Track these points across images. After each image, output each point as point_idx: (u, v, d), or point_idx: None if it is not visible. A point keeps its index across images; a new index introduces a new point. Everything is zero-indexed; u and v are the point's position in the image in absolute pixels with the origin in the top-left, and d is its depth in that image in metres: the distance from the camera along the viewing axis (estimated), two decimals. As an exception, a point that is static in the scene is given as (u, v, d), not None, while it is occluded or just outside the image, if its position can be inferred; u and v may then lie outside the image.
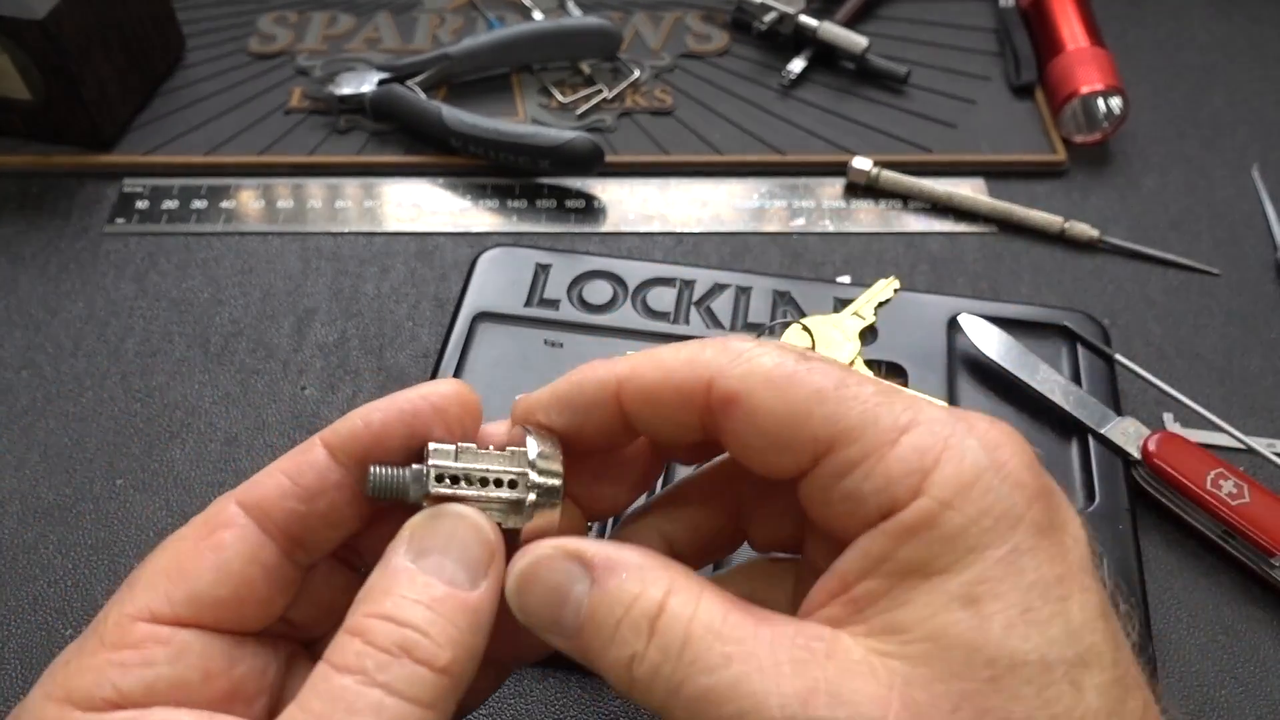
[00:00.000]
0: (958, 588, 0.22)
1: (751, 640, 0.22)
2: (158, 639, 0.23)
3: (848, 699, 0.21)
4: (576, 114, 0.56)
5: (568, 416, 0.26)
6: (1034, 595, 0.21)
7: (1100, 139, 0.55)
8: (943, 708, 0.21)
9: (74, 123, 0.52)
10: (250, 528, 0.24)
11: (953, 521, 0.22)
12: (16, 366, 0.45)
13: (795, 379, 0.24)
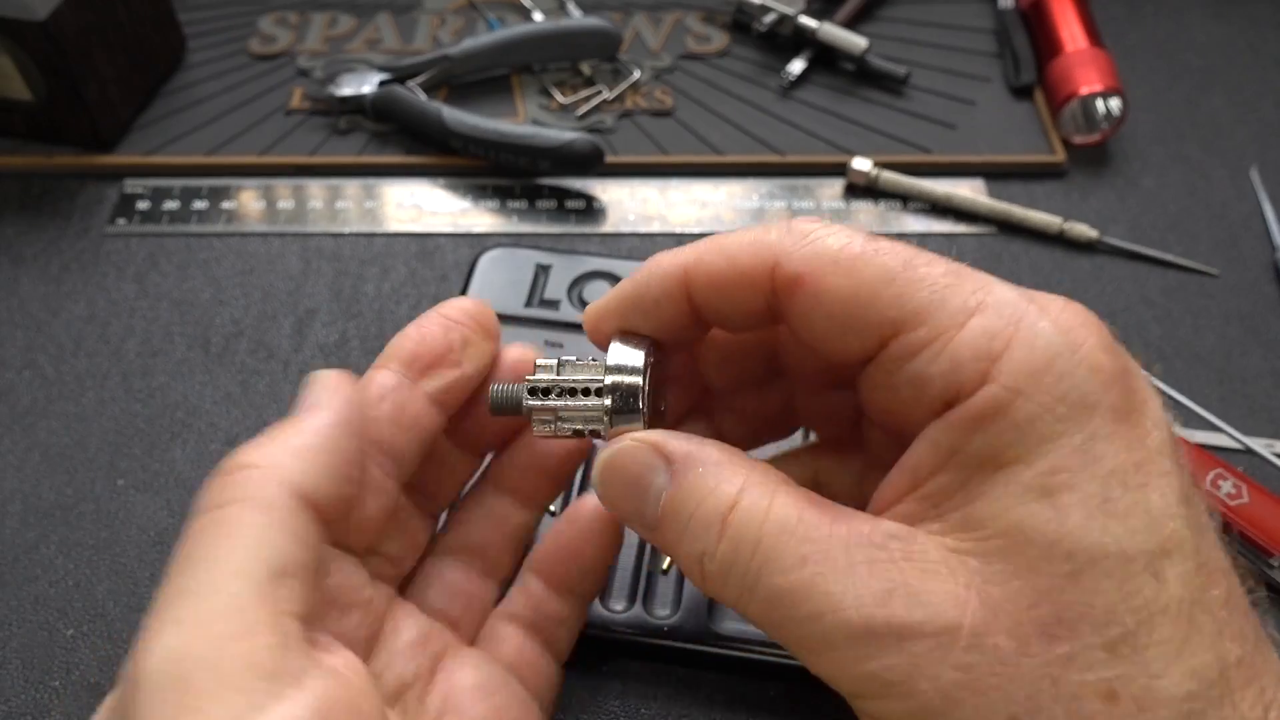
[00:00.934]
0: (1032, 478, 0.21)
1: (826, 540, 0.22)
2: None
3: (925, 599, 0.21)
4: (577, 115, 0.56)
5: (638, 312, 0.27)
6: (1112, 484, 0.21)
7: (1099, 140, 0.55)
8: (1020, 604, 0.21)
9: (75, 123, 0.52)
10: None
11: (1024, 409, 0.21)
12: (18, 367, 0.45)
13: (862, 259, 0.23)
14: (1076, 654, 0.20)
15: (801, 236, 0.24)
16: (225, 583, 0.21)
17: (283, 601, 0.22)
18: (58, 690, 0.36)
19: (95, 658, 0.37)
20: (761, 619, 0.23)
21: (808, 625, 0.22)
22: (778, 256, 0.24)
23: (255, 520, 0.22)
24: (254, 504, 0.22)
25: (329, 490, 0.24)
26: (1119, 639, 0.20)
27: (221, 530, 0.22)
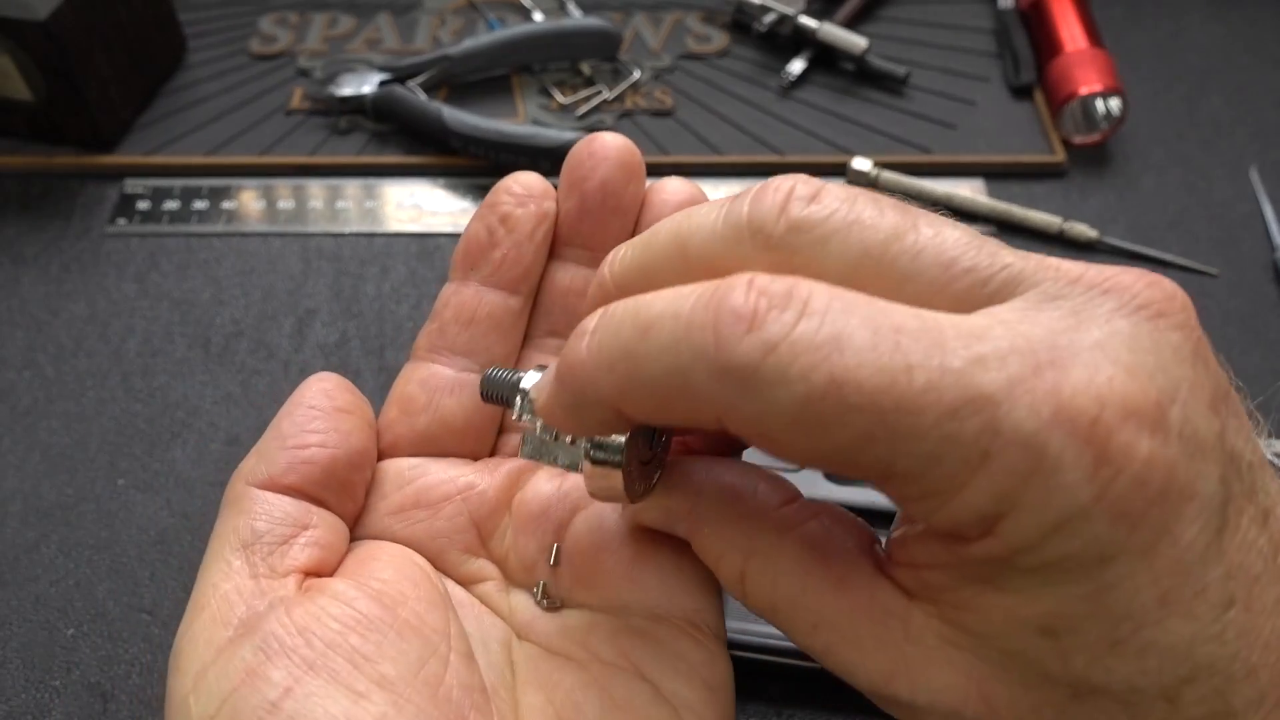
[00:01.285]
0: (1033, 616, 0.19)
1: (833, 610, 0.22)
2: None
3: (925, 685, 0.21)
4: (577, 115, 0.56)
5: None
6: (1124, 627, 0.19)
7: (1099, 140, 0.55)
8: (1021, 708, 0.20)
9: (75, 123, 0.52)
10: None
11: (1026, 563, 0.19)
12: (18, 367, 0.45)
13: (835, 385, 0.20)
14: None
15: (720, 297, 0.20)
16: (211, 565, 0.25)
17: (257, 561, 0.25)
18: (58, 689, 0.36)
19: (95, 657, 0.37)
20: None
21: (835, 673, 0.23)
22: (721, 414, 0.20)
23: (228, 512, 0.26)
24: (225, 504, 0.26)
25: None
26: None
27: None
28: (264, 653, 0.22)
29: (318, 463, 0.26)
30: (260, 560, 0.24)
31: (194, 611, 0.24)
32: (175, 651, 0.23)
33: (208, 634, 0.23)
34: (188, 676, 0.22)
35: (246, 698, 0.21)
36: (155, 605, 0.38)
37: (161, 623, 0.38)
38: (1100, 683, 0.19)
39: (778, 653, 0.35)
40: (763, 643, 0.36)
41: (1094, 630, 0.19)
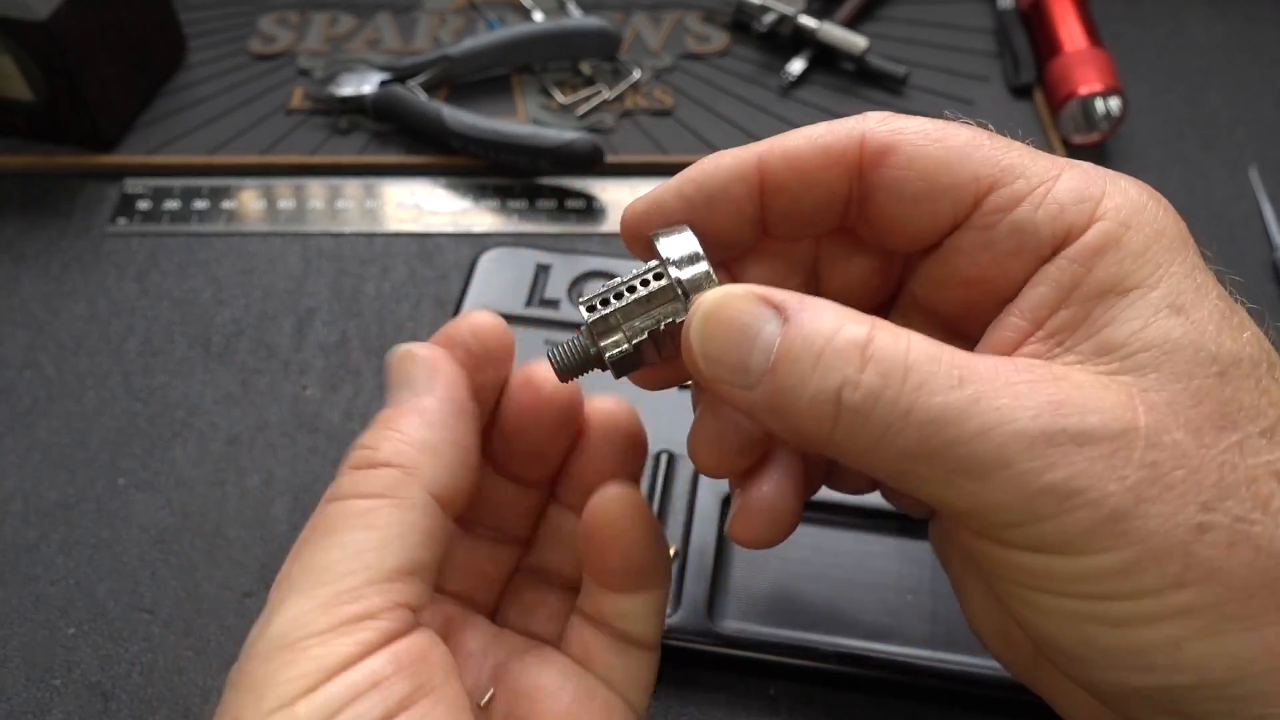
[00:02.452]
0: (1161, 298, 0.22)
1: (976, 364, 0.21)
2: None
3: (1095, 406, 0.21)
4: (577, 115, 0.56)
5: (696, 206, 0.26)
6: (1224, 305, 0.23)
7: (1099, 140, 0.55)
8: (1185, 403, 0.21)
9: (76, 123, 0.53)
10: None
11: (1137, 239, 0.23)
12: (19, 366, 0.46)
13: (948, 130, 0.24)
14: (1245, 442, 0.21)
15: (883, 117, 0.25)
16: (359, 570, 0.23)
17: (401, 594, 0.23)
18: (59, 689, 0.36)
19: (96, 656, 0.37)
20: (917, 448, 0.21)
21: (976, 443, 0.21)
22: (864, 132, 0.25)
23: (397, 518, 0.24)
24: (397, 503, 0.24)
25: (460, 488, 0.26)
26: (1270, 428, 0.22)
27: (364, 520, 0.24)
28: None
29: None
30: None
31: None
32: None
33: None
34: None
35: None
36: (156, 604, 0.38)
37: (162, 622, 0.38)
38: (1231, 349, 0.22)
39: (778, 652, 0.35)
40: (763, 642, 0.36)
41: (1205, 304, 0.23)
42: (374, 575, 0.23)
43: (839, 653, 0.35)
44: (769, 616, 0.36)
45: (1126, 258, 0.23)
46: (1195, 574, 0.21)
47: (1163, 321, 0.22)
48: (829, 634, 0.36)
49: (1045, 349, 0.23)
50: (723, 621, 0.36)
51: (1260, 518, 0.21)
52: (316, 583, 0.23)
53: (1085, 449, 0.21)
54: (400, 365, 0.27)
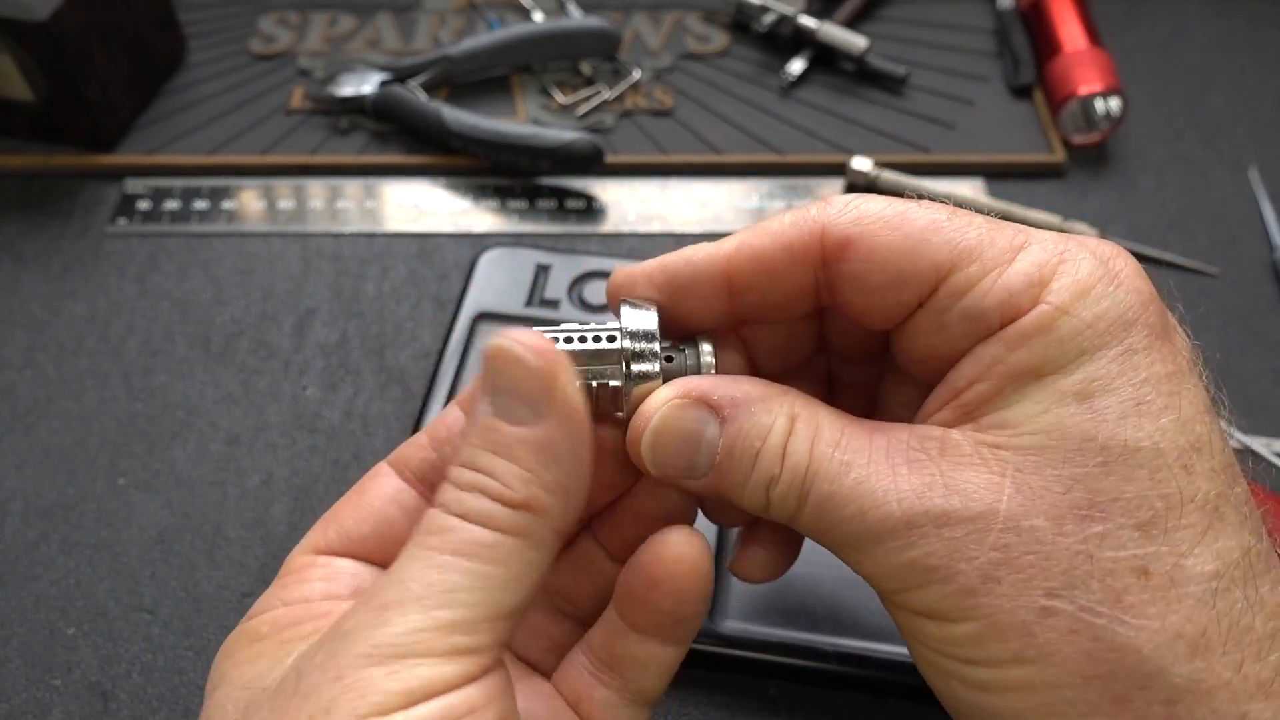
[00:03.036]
0: (1071, 385, 0.23)
1: (868, 449, 0.24)
2: (315, 565, 0.27)
3: (961, 488, 0.23)
4: (577, 115, 0.56)
5: (669, 292, 0.27)
6: (1147, 389, 0.23)
7: (1099, 140, 0.55)
8: (1054, 490, 0.22)
9: (76, 123, 0.53)
10: (390, 476, 0.28)
11: (1068, 324, 0.23)
12: (19, 366, 0.46)
13: (908, 215, 0.25)
14: (1110, 534, 0.22)
15: (843, 205, 0.26)
16: (482, 604, 0.23)
17: (504, 633, 0.23)
18: (59, 689, 0.36)
19: (96, 656, 0.37)
20: (812, 526, 0.25)
21: (853, 524, 0.24)
22: (824, 225, 0.25)
23: (525, 559, 0.23)
24: (528, 545, 0.23)
25: (573, 521, 0.25)
26: (1149, 521, 0.22)
27: (492, 552, 0.23)
28: None
29: None
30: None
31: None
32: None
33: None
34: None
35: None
36: (155, 604, 0.38)
37: (162, 622, 0.38)
38: (1129, 438, 0.22)
39: (778, 652, 0.35)
40: (763, 642, 0.36)
41: (1122, 390, 0.23)
42: (492, 612, 0.23)
43: (839, 653, 0.35)
44: (769, 616, 0.36)
45: (1052, 343, 0.23)
46: (1033, 653, 0.22)
47: (1061, 408, 0.23)
48: (829, 634, 0.36)
49: (953, 416, 0.25)
50: (723, 621, 0.36)
51: (1106, 610, 0.22)
52: (438, 604, 0.22)
53: (944, 530, 0.23)
54: (505, 368, 0.24)
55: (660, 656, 0.27)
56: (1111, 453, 0.22)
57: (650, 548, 0.26)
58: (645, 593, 0.26)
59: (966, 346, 0.24)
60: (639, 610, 0.27)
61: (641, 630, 0.27)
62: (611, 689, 0.28)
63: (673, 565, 0.26)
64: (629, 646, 0.27)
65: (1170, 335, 0.24)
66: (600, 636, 0.28)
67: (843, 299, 0.26)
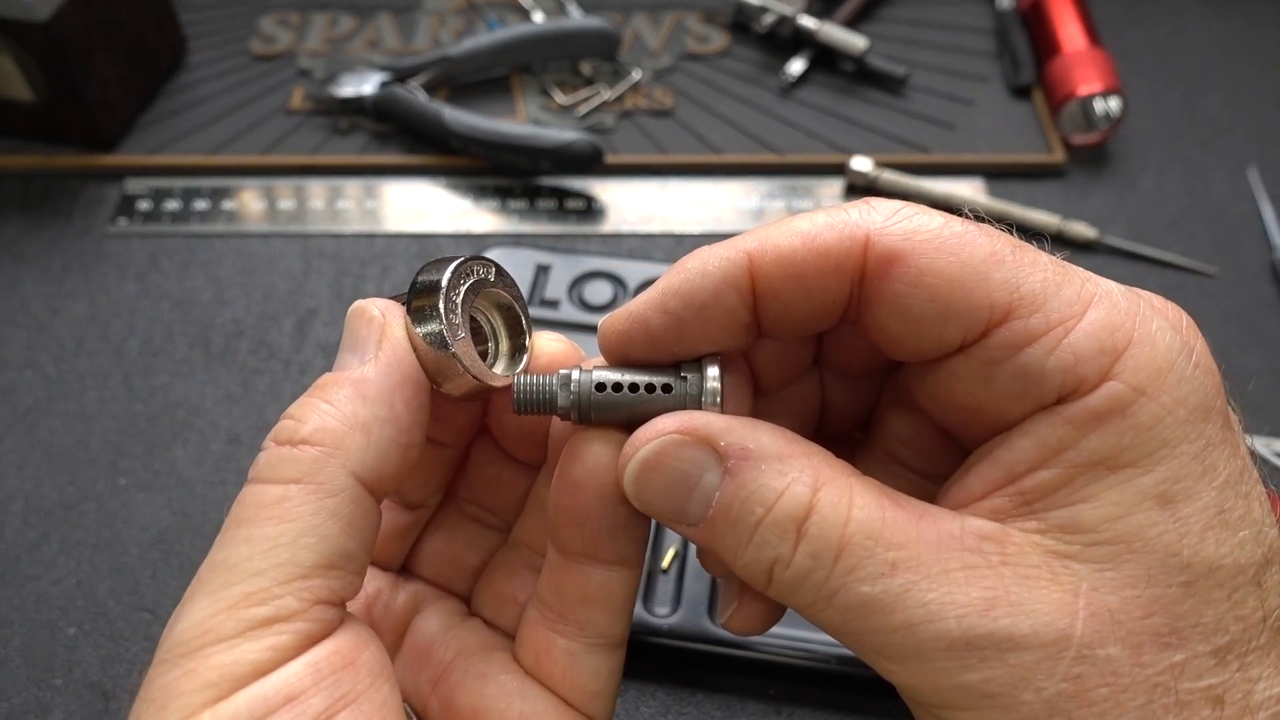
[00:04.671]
0: (1152, 485, 0.20)
1: (915, 544, 0.20)
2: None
3: (1030, 608, 0.20)
4: (577, 115, 0.56)
5: (684, 320, 0.23)
6: (1227, 494, 0.20)
7: (1098, 140, 0.55)
8: (1134, 614, 0.20)
9: (76, 124, 0.53)
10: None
11: (1148, 410, 0.20)
12: (19, 366, 0.46)
13: (967, 239, 0.21)
14: (1188, 663, 0.20)
15: (892, 213, 0.22)
16: (271, 568, 0.21)
17: (322, 591, 0.21)
18: (59, 688, 0.36)
19: (97, 656, 0.37)
20: (839, 628, 0.21)
21: (898, 636, 0.20)
22: (869, 234, 0.21)
23: (314, 507, 0.21)
24: (314, 489, 0.22)
25: (392, 470, 0.23)
26: (1226, 647, 0.20)
27: (277, 510, 0.21)
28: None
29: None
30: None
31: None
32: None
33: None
34: None
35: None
36: (156, 604, 0.38)
37: (163, 621, 0.38)
38: (1212, 556, 0.20)
39: (778, 652, 0.35)
40: (763, 642, 0.36)
41: (1205, 494, 0.20)
42: (288, 573, 0.21)
43: (839, 653, 0.35)
44: (769, 616, 0.36)
45: (1129, 430, 0.20)
46: None
47: (1143, 514, 0.20)
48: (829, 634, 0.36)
49: (1010, 506, 0.21)
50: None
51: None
52: (224, 583, 0.21)
53: (1009, 654, 0.20)
54: (351, 323, 0.24)
55: (608, 585, 0.25)
56: (1195, 571, 0.20)
57: (568, 452, 0.24)
58: (571, 501, 0.24)
59: (1016, 411, 0.21)
60: (570, 526, 0.24)
61: (580, 553, 0.24)
62: (568, 636, 0.25)
63: (592, 463, 0.23)
64: (574, 581, 0.25)
65: (1233, 421, 0.21)
66: (545, 582, 0.26)
67: (875, 320, 0.22)
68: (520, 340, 0.25)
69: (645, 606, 0.36)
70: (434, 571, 0.29)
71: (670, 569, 0.37)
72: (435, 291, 0.23)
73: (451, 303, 0.23)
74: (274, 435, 0.22)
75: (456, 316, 0.23)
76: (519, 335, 0.25)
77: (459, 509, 0.29)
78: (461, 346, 0.23)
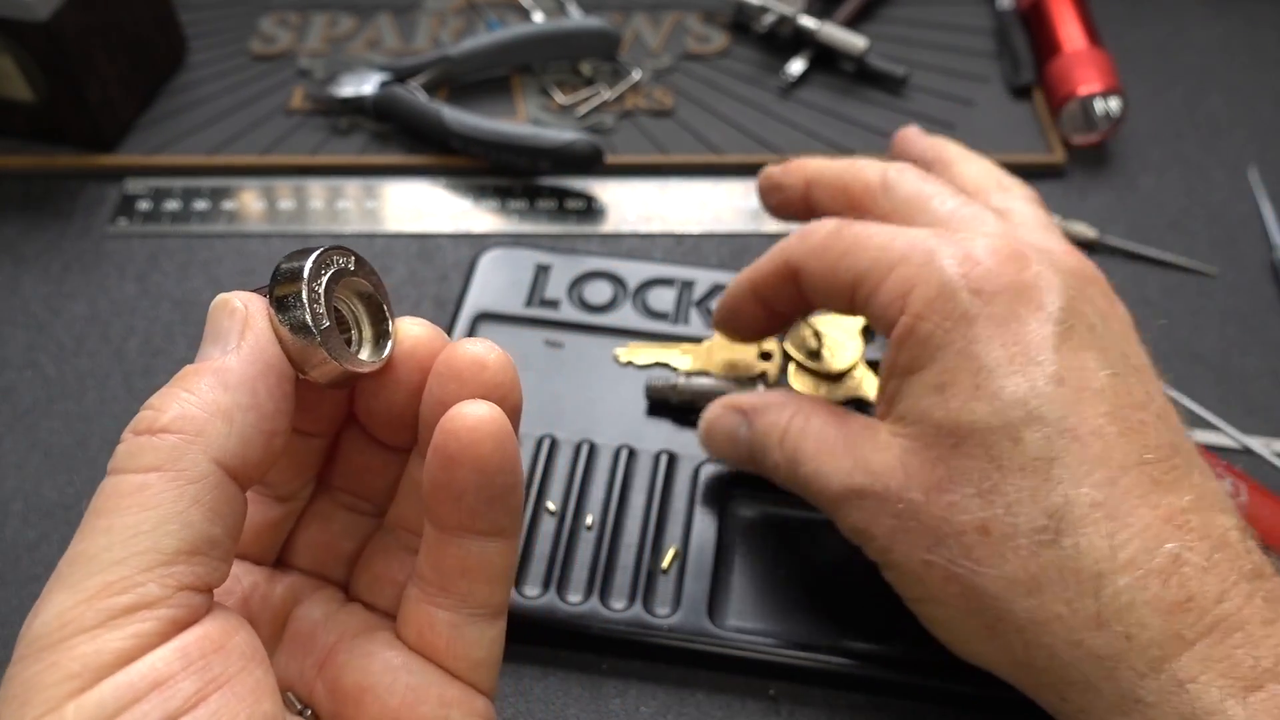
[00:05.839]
0: (932, 378, 0.30)
1: (831, 439, 0.33)
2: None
3: (873, 469, 0.31)
4: (577, 115, 0.56)
5: (756, 299, 0.37)
6: (982, 376, 0.29)
7: (1098, 140, 0.55)
8: (925, 469, 0.30)
9: (76, 124, 0.53)
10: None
11: (922, 329, 0.30)
12: (19, 366, 0.46)
13: (830, 242, 0.33)
14: (958, 501, 0.29)
15: (801, 236, 0.34)
16: (132, 556, 0.21)
17: (187, 577, 0.21)
18: None
19: (97, 656, 0.37)
20: (803, 493, 0.34)
21: (821, 496, 0.33)
22: (786, 258, 0.34)
23: (175, 494, 0.22)
24: (175, 476, 0.22)
25: (256, 457, 0.23)
26: (989, 489, 0.28)
27: (137, 498, 0.22)
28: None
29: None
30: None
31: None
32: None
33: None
34: None
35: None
36: (156, 604, 0.38)
37: (162, 622, 0.38)
38: (964, 421, 0.29)
39: (778, 652, 0.35)
40: (763, 642, 0.36)
41: (963, 379, 0.29)
42: (150, 560, 0.21)
43: (839, 652, 0.35)
44: (769, 616, 0.36)
45: (914, 344, 0.30)
46: (929, 595, 0.30)
47: (927, 400, 0.30)
48: (829, 634, 0.36)
49: (885, 409, 0.32)
50: (723, 621, 0.36)
51: (964, 562, 0.29)
52: (84, 574, 0.21)
53: (864, 501, 0.31)
54: (214, 316, 0.24)
55: (487, 555, 0.25)
56: (959, 435, 0.29)
57: (441, 429, 0.24)
58: (447, 477, 0.24)
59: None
60: (447, 501, 0.25)
61: (457, 527, 0.25)
62: (449, 609, 0.26)
63: (466, 436, 0.24)
64: (453, 555, 0.25)
65: (1020, 322, 0.29)
66: (424, 559, 0.26)
67: (817, 305, 0.35)
68: (383, 327, 0.26)
69: (645, 606, 0.36)
70: (310, 561, 0.29)
71: (670, 569, 0.37)
72: (298, 280, 0.24)
73: (314, 291, 0.24)
74: (132, 426, 0.23)
75: (320, 305, 0.24)
76: (382, 322, 0.26)
77: (331, 498, 0.29)
78: (326, 333, 0.24)
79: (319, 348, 0.24)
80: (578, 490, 0.39)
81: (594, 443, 0.41)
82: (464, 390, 0.25)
